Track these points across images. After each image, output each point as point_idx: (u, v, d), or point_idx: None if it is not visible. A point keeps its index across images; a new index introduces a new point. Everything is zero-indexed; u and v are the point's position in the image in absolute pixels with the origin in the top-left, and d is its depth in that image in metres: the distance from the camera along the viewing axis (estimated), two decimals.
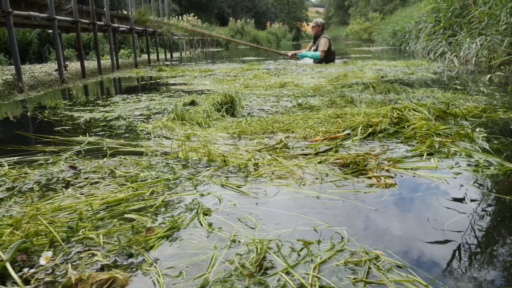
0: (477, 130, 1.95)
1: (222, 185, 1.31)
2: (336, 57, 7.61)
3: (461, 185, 1.28)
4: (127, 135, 2.13)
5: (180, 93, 3.79)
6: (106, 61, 9.49)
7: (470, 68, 5.59)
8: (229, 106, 2.58)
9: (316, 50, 7.35)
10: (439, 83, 4.03)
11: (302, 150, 1.70)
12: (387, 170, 1.41)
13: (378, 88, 3.38)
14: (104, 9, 6.77)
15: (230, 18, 28.46)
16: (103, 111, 2.87)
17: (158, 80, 5.15)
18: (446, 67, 5.81)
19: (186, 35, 13.91)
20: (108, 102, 3.33)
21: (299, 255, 0.89)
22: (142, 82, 5.02)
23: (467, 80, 4.29)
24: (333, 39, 7.92)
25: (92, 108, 3.03)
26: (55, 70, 6.40)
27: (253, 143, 1.82)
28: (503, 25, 4.79)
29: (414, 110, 2.28)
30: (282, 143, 1.73)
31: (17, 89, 4.08)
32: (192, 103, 3.05)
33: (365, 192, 1.22)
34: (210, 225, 1.04)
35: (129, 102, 3.28)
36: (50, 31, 7.94)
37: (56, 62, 6.22)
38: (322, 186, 1.28)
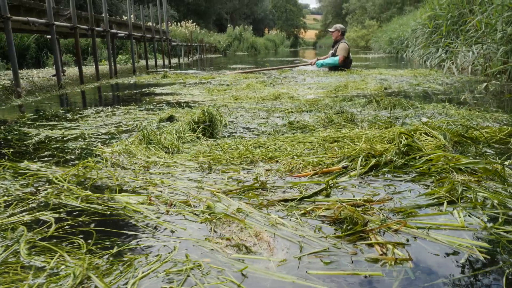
0: (507, 162, 1.56)
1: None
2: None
3: (503, 262, 0.89)
4: (77, 162, 1.75)
5: (163, 105, 3.42)
6: (104, 67, 9.29)
7: (468, 76, 5.46)
8: (207, 125, 2.20)
9: (334, 54, 7.09)
10: (449, 95, 3.64)
11: (284, 191, 1.31)
12: (396, 231, 1.03)
13: (382, 103, 3.00)
14: (103, 15, 6.65)
15: (229, 25, 28.30)
16: (66, 128, 2.50)
17: (144, 90, 4.79)
18: (445, 76, 5.44)
19: (184, 42, 13.63)
20: (78, 116, 2.96)
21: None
22: (126, 92, 4.66)
23: (478, 93, 3.89)
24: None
25: (56, 123, 2.66)
26: (53, 75, 6.29)
27: (224, 179, 1.44)
28: (499, 34, 4.83)
29: (426, 134, 1.90)
30: (259, 182, 1.35)
31: (15, 94, 4.03)
32: (170, 118, 2.68)
33: (365, 277, 0.83)
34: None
35: (101, 116, 2.91)
36: (48, 36, 7.74)
37: (53, 67, 6.13)
38: (301, 261, 0.89)
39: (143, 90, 4.75)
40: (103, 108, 3.32)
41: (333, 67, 7.01)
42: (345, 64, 6.98)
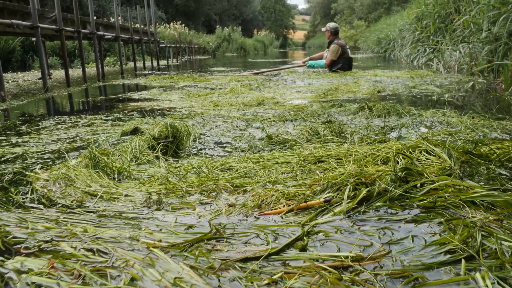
0: None
1: None
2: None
3: None
4: (6, 190, 1.41)
5: (133, 114, 3.08)
6: (91, 69, 9.05)
7: (455, 75, 5.34)
8: (170, 141, 1.87)
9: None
10: (447, 99, 3.34)
11: (247, 242, 0.99)
12: None
13: (375, 110, 2.69)
14: (89, 17, 6.47)
15: (217, 26, 28.03)
16: (11, 144, 2.16)
17: (120, 95, 4.44)
18: (444, 77, 5.17)
19: (172, 43, 13.28)
20: (34, 128, 2.62)
21: None
22: (101, 97, 4.32)
23: (477, 96, 3.60)
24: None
25: (4, 138, 2.31)
26: (39, 79, 6.15)
27: (172, 221, 1.11)
28: (484, 34, 4.82)
29: (427, 152, 1.59)
30: (214, 229, 1.02)
31: None
32: (134, 131, 2.35)
33: None
34: None
35: (60, 129, 2.57)
36: (33, 39, 7.44)
37: (39, 70, 5.92)
38: None
39: (119, 96, 4.41)
40: (66, 117, 2.98)
41: (335, 69, 6.70)
42: (343, 66, 6.63)
